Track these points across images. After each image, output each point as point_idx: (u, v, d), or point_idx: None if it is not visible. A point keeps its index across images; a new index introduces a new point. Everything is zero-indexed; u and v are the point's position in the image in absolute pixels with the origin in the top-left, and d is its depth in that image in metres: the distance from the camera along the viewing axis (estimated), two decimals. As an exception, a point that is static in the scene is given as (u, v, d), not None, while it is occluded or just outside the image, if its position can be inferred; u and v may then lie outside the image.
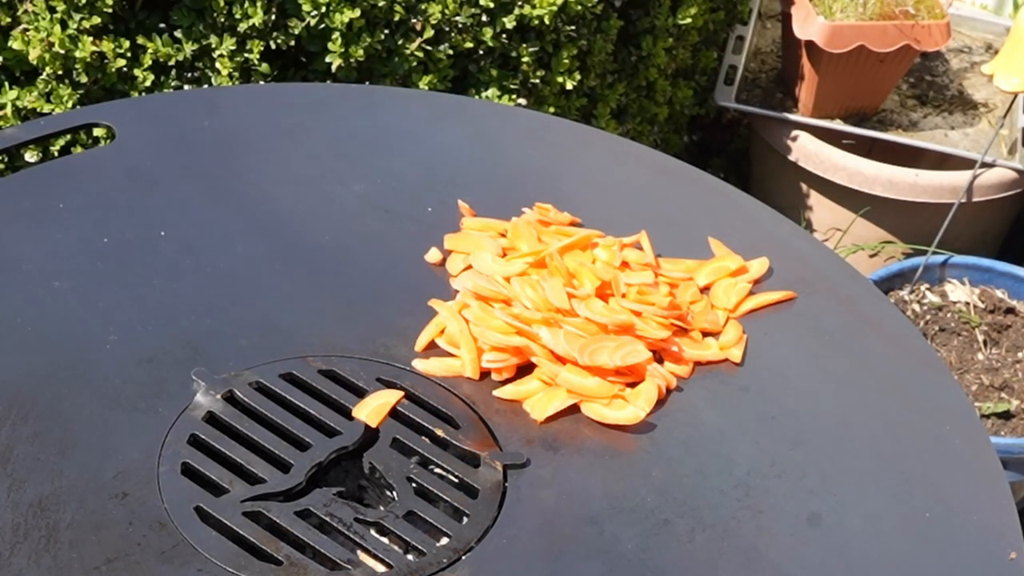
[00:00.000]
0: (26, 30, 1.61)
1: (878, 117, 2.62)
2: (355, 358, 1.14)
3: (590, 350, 1.13)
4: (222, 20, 1.71)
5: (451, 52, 1.87)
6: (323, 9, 1.73)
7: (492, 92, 1.92)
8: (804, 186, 2.59)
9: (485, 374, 1.15)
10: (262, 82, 1.74)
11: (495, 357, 1.15)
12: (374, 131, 1.43)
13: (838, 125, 2.57)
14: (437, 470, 1.07)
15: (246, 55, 1.71)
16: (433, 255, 1.26)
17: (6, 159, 1.64)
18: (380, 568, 0.99)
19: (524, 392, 1.13)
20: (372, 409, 1.09)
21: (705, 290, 1.26)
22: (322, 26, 1.75)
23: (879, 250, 2.58)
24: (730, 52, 2.67)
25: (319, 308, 1.20)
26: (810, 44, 2.45)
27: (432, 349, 1.17)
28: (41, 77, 1.63)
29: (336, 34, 1.75)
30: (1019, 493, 2.08)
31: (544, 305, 1.17)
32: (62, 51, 1.60)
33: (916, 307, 2.35)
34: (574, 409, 1.12)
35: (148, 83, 1.67)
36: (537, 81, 1.96)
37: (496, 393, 1.13)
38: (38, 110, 1.61)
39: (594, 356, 1.13)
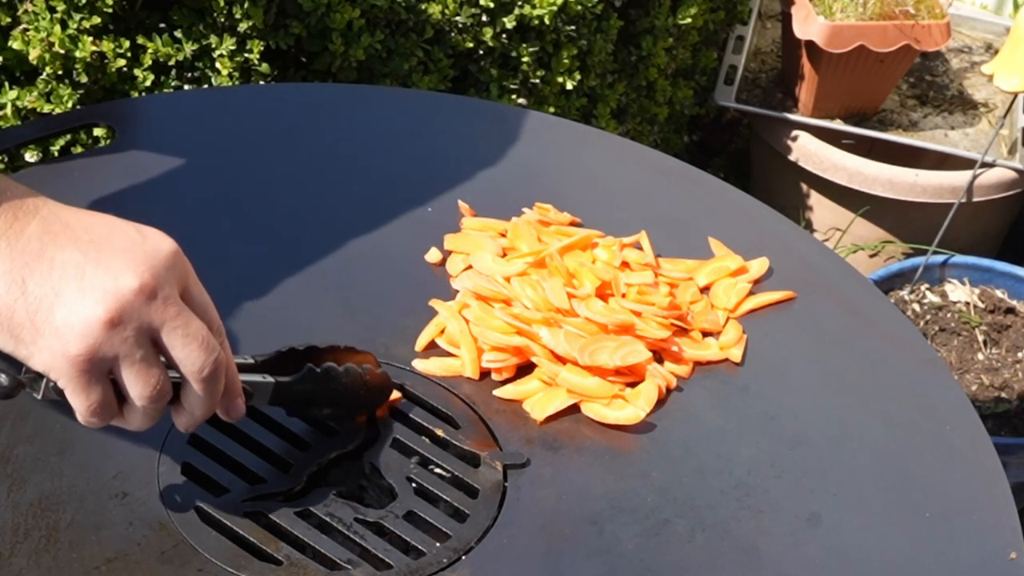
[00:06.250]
0: (26, 30, 1.61)
1: (878, 117, 2.62)
2: (355, 358, 1.14)
3: (590, 350, 1.13)
4: (222, 20, 1.71)
5: (451, 52, 1.88)
6: (323, 9, 1.73)
7: (492, 92, 1.92)
8: (804, 186, 2.59)
9: (485, 374, 1.15)
10: (262, 82, 1.74)
11: (495, 357, 1.15)
12: (374, 131, 1.43)
13: (838, 125, 2.57)
14: (437, 470, 1.07)
15: (246, 55, 1.71)
16: (433, 255, 1.26)
17: (6, 159, 1.64)
18: (380, 568, 0.99)
19: (524, 392, 1.13)
20: None
21: (705, 290, 1.26)
22: (322, 26, 1.75)
23: (879, 250, 2.58)
24: (730, 52, 2.67)
25: (319, 308, 1.20)
26: (810, 44, 2.45)
27: (432, 349, 1.17)
28: (41, 77, 1.63)
29: (336, 34, 1.75)
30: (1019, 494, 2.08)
31: (544, 305, 1.17)
32: (62, 51, 1.60)
33: (916, 307, 2.35)
34: (574, 409, 1.12)
35: (148, 83, 1.67)
36: (537, 81, 1.97)
37: (496, 393, 1.13)
38: (38, 110, 1.61)
39: (594, 356, 1.13)
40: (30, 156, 1.63)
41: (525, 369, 1.15)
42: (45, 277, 0.85)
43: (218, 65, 1.70)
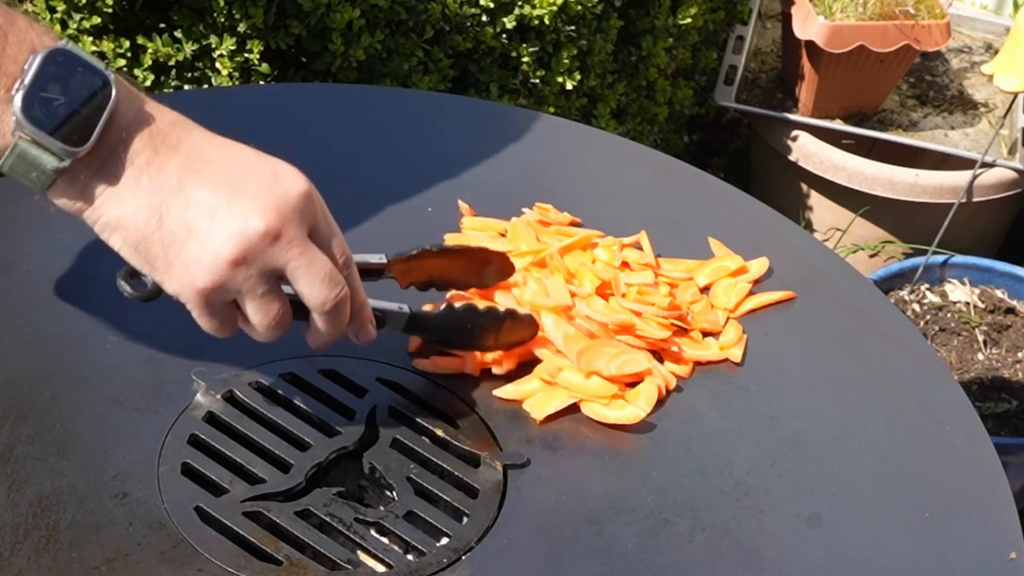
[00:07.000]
0: (26, 30, 1.61)
1: (878, 117, 2.62)
2: (355, 358, 1.14)
3: (587, 357, 1.13)
4: (222, 20, 1.71)
5: (451, 52, 1.88)
6: (323, 9, 1.73)
7: (492, 92, 1.92)
8: (804, 186, 2.59)
9: (485, 374, 1.15)
10: (262, 82, 1.74)
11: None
12: (374, 131, 1.43)
13: (838, 125, 2.57)
14: (437, 470, 1.07)
15: (246, 55, 1.71)
16: (433, 255, 1.26)
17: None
18: (380, 568, 0.99)
19: (524, 392, 1.13)
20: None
21: (705, 290, 1.26)
22: (322, 26, 1.75)
23: (879, 250, 2.58)
24: (730, 52, 2.67)
25: (319, 308, 1.20)
26: (810, 44, 2.45)
27: (432, 349, 1.16)
28: (41, 77, 1.63)
29: (336, 34, 1.75)
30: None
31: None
32: (62, 51, 1.60)
33: (916, 307, 2.35)
34: (574, 409, 1.12)
35: (148, 83, 1.67)
36: (537, 81, 1.97)
37: (496, 393, 1.13)
38: (38, 110, 1.61)
39: (591, 363, 1.12)
40: (30, 156, 1.62)
41: (525, 369, 1.15)
42: (180, 214, 0.92)
43: (218, 65, 1.70)
